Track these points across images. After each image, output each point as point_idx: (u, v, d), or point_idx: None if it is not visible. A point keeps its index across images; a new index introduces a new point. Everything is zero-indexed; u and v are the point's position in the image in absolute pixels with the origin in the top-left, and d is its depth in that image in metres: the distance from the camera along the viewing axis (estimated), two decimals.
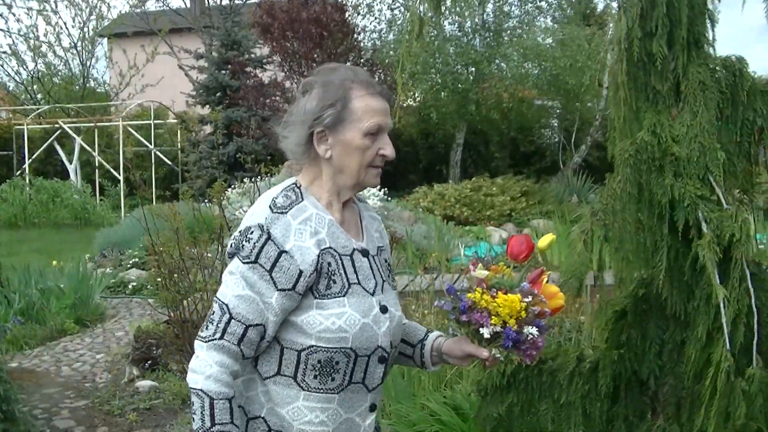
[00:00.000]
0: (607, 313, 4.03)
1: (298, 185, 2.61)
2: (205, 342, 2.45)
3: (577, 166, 23.76)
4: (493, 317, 2.49)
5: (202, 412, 2.39)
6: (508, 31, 24.72)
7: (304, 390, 2.51)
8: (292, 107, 2.62)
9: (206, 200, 10.96)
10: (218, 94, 23.69)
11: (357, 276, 2.57)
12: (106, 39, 33.00)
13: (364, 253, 2.63)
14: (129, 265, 13.09)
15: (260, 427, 2.54)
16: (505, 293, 2.54)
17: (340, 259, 2.54)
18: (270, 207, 2.52)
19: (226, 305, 2.46)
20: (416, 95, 23.93)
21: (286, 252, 2.44)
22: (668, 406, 4.03)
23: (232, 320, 2.44)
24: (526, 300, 2.54)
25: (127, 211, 21.17)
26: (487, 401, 4.21)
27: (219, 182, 7.11)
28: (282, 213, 2.49)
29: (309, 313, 2.47)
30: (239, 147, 21.16)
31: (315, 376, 2.49)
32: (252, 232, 2.47)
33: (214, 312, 2.50)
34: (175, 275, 6.79)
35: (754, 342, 3.56)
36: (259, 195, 7.11)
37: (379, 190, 15.82)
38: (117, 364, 8.33)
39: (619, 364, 4.02)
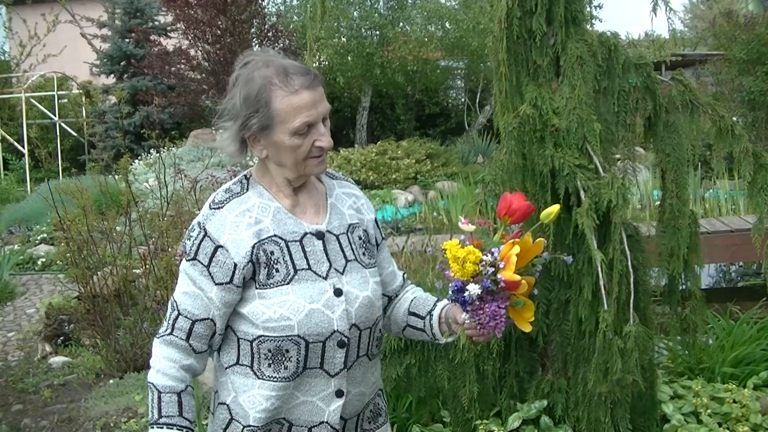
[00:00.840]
0: None
1: (248, 176, 2.63)
2: (158, 338, 2.55)
3: (482, 127, 23.99)
4: (450, 263, 2.41)
5: (151, 405, 2.49)
6: None
7: (259, 379, 2.53)
8: (223, 103, 2.58)
9: (113, 173, 10.90)
10: (122, 63, 23.37)
11: (307, 261, 2.53)
12: (4, 8, 32.21)
13: (319, 235, 2.57)
14: (37, 241, 12.93)
15: (223, 414, 2.60)
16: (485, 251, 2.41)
17: (287, 246, 2.52)
18: (209, 204, 2.55)
19: (176, 302, 2.53)
20: (321, 59, 23.86)
21: (221, 247, 2.46)
22: (555, 361, 4.30)
23: (180, 316, 2.49)
24: (485, 258, 2.38)
25: (33, 185, 20.80)
26: (386, 363, 4.39)
27: (125, 158, 7.16)
28: (218, 208, 2.51)
29: (253, 304, 2.50)
30: (145, 116, 20.99)
31: (269, 365, 2.50)
32: (193, 230, 2.52)
33: (167, 309, 2.57)
34: (84, 251, 6.84)
35: (631, 301, 3.83)
36: (164, 167, 7.15)
37: None
38: (29, 341, 8.28)
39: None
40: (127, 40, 23.39)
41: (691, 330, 4.51)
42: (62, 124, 24.23)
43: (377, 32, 23.56)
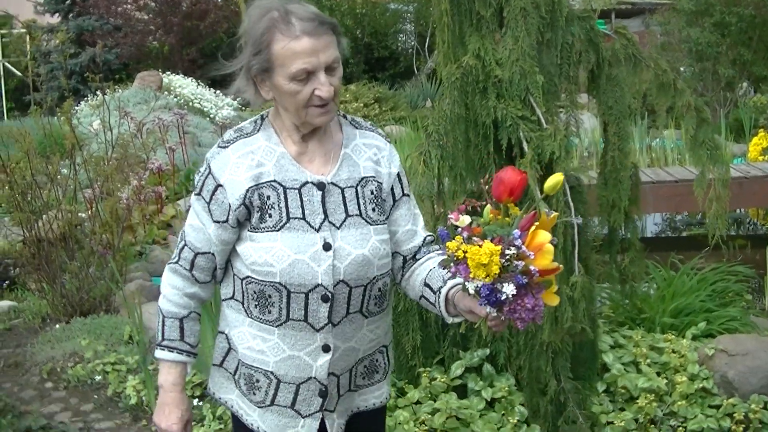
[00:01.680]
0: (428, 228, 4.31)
1: (264, 116, 2.63)
2: (167, 264, 2.66)
3: (430, 71, 23.96)
4: (472, 269, 2.18)
5: (158, 327, 2.65)
6: None
7: (248, 317, 2.58)
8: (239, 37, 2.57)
9: (57, 116, 10.75)
10: (67, 2, 23.06)
11: (303, 210, 2.51)
12: None
13: (320, 186, 2.53)
14: None
15: (222, 342, 2.70)
16: (494, 242, 2.19)
17: (284, 193, 2.51)
18: (218, 142, 2.60)
19: (184, 232, 2.62)
20: None
21: (221, 185, 2.50)
22: None
23: (185, 247, 2.59)
24: (509, 251, 2.17)
25: None
26: None
27: (69, 101, 7.08)
28: (224, 147, 2.54)
29: (244, 245, 2.53)
30: (91, 57, 20.70)
31: (255, 306, 2.56)
32: (202, 166, 2.59)
33: (178, 237, 2.68)
34: (29, 195, 6.79)
35: (575, 252, 3.90)
36: (109, 110, 7.08)
37: (233, 99, 15.80)
38: None
39: None
40: None
41: (630, 280, 4.61)
42: (6, 64, 23.84)
43: None
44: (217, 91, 15.80)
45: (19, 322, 6.93)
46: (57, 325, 6.55)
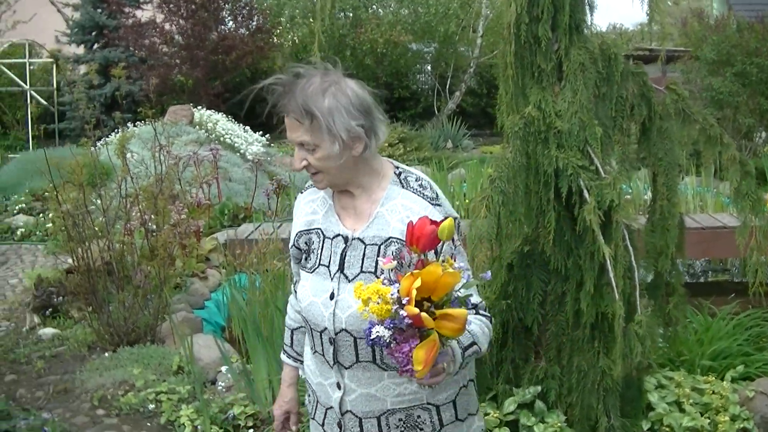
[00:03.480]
0: (496, 267, 4.50)
1: None
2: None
3: (451, 112, 24.23)
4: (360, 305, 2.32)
5: None
6: None
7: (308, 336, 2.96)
8: None
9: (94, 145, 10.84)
10: (94, 33, 23.38)
11: (330, 259, 2.75)
12: None
13: (345, 239, 2.73)
14: (15, 211, 12.97)
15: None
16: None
17: (323, 241, 2.80)
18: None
19: None
20: (296, 39, 23.95)
21: (293, 225, 2.95)
22: (550, 350, 4.55)
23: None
24: (392, 295, 2.27)
25: (1, 152, 20.70)
26: None
27: (123, 133, 7.27)
28: (300, 193, 2.99)
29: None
30: (116, 88, 20.97)
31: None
32: None
33: None
34: (79, 224, 6.92)
35: (637, 293, 4.10)
36: (159, 142, 7.21)
37: (262, 135, 16.01)
38: (15, 312, 8.32)
39: (506, 312, 4.52)
40: (99, 9, 23.31)
41: (673, 324, 4.78)
42: (33, 93, 24.08)
43: (350, 14, 23.68)
44: (246, 127, 16.02)
45: (64, 350, 7.04)
46: (106, 354, 6.69)
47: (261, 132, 16.31)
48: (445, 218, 2.39)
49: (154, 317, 6.90)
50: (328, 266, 2.76)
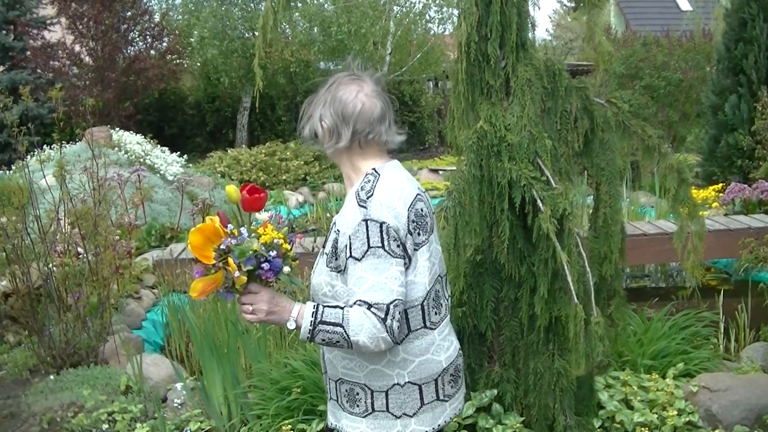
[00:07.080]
0: (453, 276, 4.65)
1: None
2: None
3: None
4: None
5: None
6: None
7: None
8: None
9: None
10: (0, 55, 23.02)
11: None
12: None
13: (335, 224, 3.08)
14: None
15: None
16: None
17: None
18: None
19: None
20: (206, 58, 23.86)
21: None
22: (504, 354, 4.73)
23: None
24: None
25: None
26: None
27: (61, 160, 7.26)
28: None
29: None
30: (24, 111, 20.65)
31: None
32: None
33: None
34: (18, 248, 6.88)
35: (592, 296, 4.30)
36: (97, 164, 7.18)
37: (179, 156, 15.98)
38: None
39: (462, 320, 4.69)
40: (4, 31, 22.93)
41: (615, 325, 5.00)
42: None
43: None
44: (164, 148, 15.96)
45: (4, 374, 6.94)
46: (51, 376, 6.65)
47: (178, 153, 16.28)
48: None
49: (95, 338, 6.89)
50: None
